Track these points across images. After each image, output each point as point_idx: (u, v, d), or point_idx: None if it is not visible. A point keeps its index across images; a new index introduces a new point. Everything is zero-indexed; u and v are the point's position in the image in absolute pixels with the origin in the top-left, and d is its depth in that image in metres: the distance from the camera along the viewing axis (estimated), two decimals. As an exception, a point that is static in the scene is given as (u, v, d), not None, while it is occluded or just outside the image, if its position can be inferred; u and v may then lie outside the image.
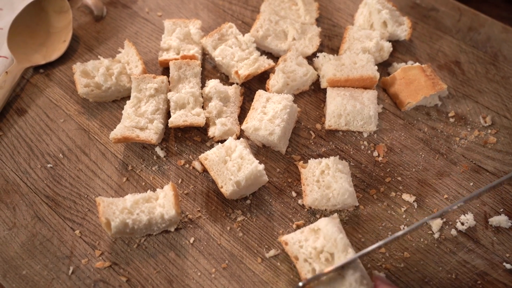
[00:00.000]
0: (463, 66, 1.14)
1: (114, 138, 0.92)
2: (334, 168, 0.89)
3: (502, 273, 0.85)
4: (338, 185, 0.87)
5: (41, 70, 1.11)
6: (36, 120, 1.03)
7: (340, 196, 0.86)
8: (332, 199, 0.87)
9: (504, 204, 0.93)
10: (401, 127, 1.04)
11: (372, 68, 1.02)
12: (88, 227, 0.89)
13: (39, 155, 0.97)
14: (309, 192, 0.88)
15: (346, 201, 0.87)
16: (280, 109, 0.93)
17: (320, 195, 0.87)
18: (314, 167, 0.91)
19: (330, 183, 0.88)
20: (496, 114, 1.06)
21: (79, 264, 0.85)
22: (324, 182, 0.89)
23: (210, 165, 0.89)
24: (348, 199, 0.87)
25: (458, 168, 0.97)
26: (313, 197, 0.87)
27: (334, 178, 0.88)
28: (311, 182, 0.89)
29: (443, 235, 0.89)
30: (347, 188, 0.87)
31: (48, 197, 0.92)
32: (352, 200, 0.87)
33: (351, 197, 0.87)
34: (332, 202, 0.87)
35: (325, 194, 0.87)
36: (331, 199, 0.87)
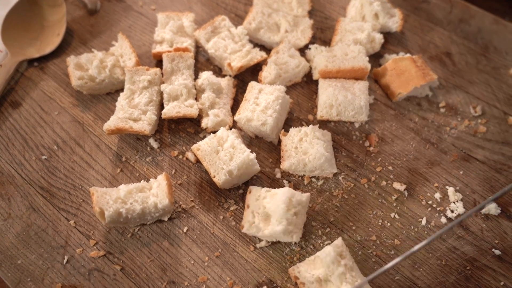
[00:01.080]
0: (454, 57, 1.15)
1: (108, 130, 0.93)
2: (312, 135, 0.92)
3: (491, 259, 0.86)
4: (314, 150, 0.90)
5: (35, 63, 1.11)
6: (30, 112, 1.03)
7: (316, 161, 0.89)
8: (308, 164, 0.90)
9: (493, 192, 0.94)
10: (392, 117, 1.05)
11: (363, 59, 1.03)
12: (83, 217, 0.90)
13: (34, 147, 0.98)
14: (287, 157, 0.92)
15: (323, 166, 0.89)
16: (273, 100, 0.95)
17: (296, 160, 0.90)
18: (294, 135, 0.94)
19: (307, 149, 0.91)
20: (486, 104, 1.07)
21: (74, 253, 0.86)
22: (302, 148, 0.92)
23: (202, 156, 0.90)
24: (324, 163, 0.89)
25: (448, 157, 0.99)
26: (290, 162, 0.91)
27: (311, 144, 0.91)
28: (289, 149, 0.93)
29: (433, 223, 0.90)
30: (323, 153, 0.89)
31: (43, 188, 0.93)
32: (330, 165, 0.90)
33: (327, 162, 0.89)
34: (309, 167, 0.90)
35: (302, 159, 0.90)
36: (307, 164, 0.90)
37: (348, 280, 0.76)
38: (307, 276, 0.78)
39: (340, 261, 0.78)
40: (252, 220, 0.84)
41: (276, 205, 0.81)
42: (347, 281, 0.76)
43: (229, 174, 0.87)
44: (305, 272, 0.79)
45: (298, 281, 0.79)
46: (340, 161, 0.98)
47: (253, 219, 0.84)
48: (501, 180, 0.96)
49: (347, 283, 0.75)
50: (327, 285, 0.77)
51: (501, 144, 1.01)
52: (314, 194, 0.93)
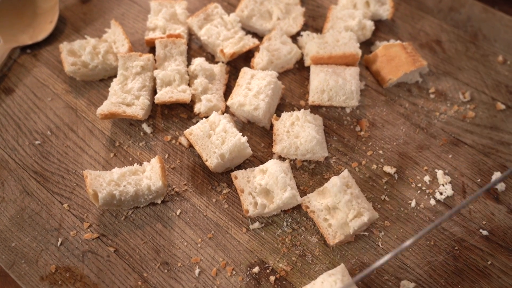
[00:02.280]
0: (444, 45, 1.17)
1: (101, 114, 0.93)
2: (303, 119, 0.94)
3: (478, 239, 0.88)
4: (305, 134, 0.92)
5: (28, 50, 1.12)
6: (23, 99, 1.04)
7: (307, 143, 0.91)
8: (300, 147, 0.91)
9: (481, 175, 0.96)
10: (383, 103, 1.06)
11: (354, 46, 1.04)
12: (76, 200, 0.90)
13: (27, 133, 0.99)
14: (279, 141, 0.93)
15: (314, 149, 0.91)
16: (265, 85, 0.96)
17: (288, 143, 0.92)
18: (286, 119, 0.96)
19: (299, 133, 0.93)
20: (475, 90, 1.09)
21: (68, 236, 0.86)
22: (294, 132, 0.94)
23: (195, 140, 0.91)
24: (316, 146, 0.91)
25: (438, 141, 1.00)
26: (282, 146, 0.92)
27: (302, 128, 0.93)
28: (281, 133, 0.94)
29: (422, 205, 0.92)
30: (314, 136, 0.91)
31: (37, 172, 0.94)
32: (321, 148, 0.92)
33: (319, 145, 0.91)
34: (300, 150, 0.92)
35: (293, 142, 0.92)
36: (299, 147, 0.92)
37: (354, 207, 0.83)
38: (317, 205, 0.86)
39: (346, 190, 0.85)
40: (253, 201, 0.86)
41: (274, 177, 0.85)
42: (353, 208, 0.83)
43: (221, 158, 0.88)
44: (315, 201, 0.87)
45: (308, 210, 0.87)
46: (331, 145, 0.99)
47: (253, 199, 0.86)
48: (489, 163, 0.98)
49: (354, 210, 0.83)
50: (335, 212, 0.85)
51: (489, 129, 1.02)
52: (305, 178, 0.94)
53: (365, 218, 0.82)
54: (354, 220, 0.83)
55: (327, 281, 0.76)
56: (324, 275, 0.77)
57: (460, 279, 0.84)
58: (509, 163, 0.97)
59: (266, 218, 0.89)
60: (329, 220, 0.85)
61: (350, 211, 0.83)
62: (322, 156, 0.94)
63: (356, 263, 0.85)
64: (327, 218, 0.85)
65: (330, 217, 0.85)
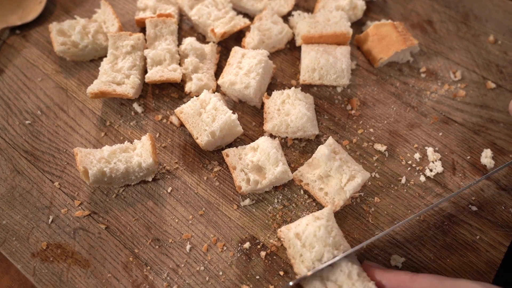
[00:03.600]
0: (435, 25, 1.17)
1: (91, 93, 0.93)
2: (294, 97, 0.94)
3: (467, 214, 0.89)
4: (296, 111, 0.92)
5: (17, 31, 1.11)
6: (13, 79, 1.03)
7: (298, 120, 0.91)
8: (291, 124, 0.91)
9: (471, 152, 0.97)
10: (374, 82, 1.06)
11: (345, 25, 1.04)
12: (67, 179, 0.90)
13: (17, 113, 0.98)
14: (270, 119, 0.93)
15: (305, 126, 0.91)
16: (255, 64, 0.95)
17: (279, 121, 0.92)
18: (276, 98, 0.96)
19: (289, 110, 0.93)
20: (465, 70, 1.09)
21: (59, 213, 0.86)
22: (284, 110, 0.94)
23: (185, 118, 0.91)
24: (306, 123, 0.91)
25: (428, 120, 1.01)
26: (272, 123, 0.92)
27: (293, 105, 0.93)
28: (272, 111, 0.94)
29: (412, 181, 0.92)
30: (305, 113, 0.91)
31: (27, 151, 0.93)
32: (312, 126, 0.92)
33: (310, 122, 0.91)
34: (291, 128, 0.91)
35: (284, 120, 0.92)
36: (290, 125, 0.91)
37: (346, 171, 0.85)
38: (309, 177, 0.88)
39: (335, 157, 0.87)
40: (246, 177, 0.87)
41: (266, 154, 0.86)
42: (345, 172, 0.85)
43: (211, 135, 0.88)
44: (307, 174, 0.89)
45: (302, 184, 0.88)
46: (322, 124, 0.99)
47: (246, 176, 0.87)
48: (478, 141, 0.98)
49: (346, 174, 0.85)
50: (328, 180, 0.87)
51: (479, 107, 1.03)
52: (296, 155, 0.95)
53: (359, 180, 0.84)
54: (348, 183, 0.85)
55: (311, 225, 0.77)
56: (310, 217, 0.79)
57: (449, 253, 0.85)
58: (498, 140, 0.98)
59: (257, 195, 0.89)
60: (324, 188, 0.86)
61: (343, 176, 0.85)
62: (313, 134, 0.94)
63: (347, 239, 0.85)
64: (322, 188, 0.87)
65: (325, 185, 0.87)
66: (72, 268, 0.81)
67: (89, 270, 0.81)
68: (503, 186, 0.92)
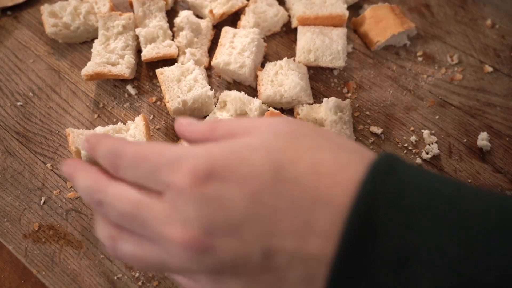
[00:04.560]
0: (433, 9, 1.16)
1: (86, 75, 0.91)
2: (286, 67, 0.94)
3: (463, 197, 0.88)
4: (289, 81, 0.92)
5: (8, 12, 1.09)
6: (4, 60, 1.01)
7: (292, 90, 0.90)
8: (285, 94, 0.91)
9: (467, 135, 0.96)
10: (370, 65, 1.05)
11: (341, 6, 1.03)
12: (60, 160, 0.89)
13: (9, 94, 0.97)
14: (263, 90, 0.93)
15: (299, 95, 0.91)
16: (248, 42, 0.94)
17: (273, 92, 0.92)
18: (269, 69, 0.95)
19: (283, 81, 0.93)
20: (463, 53, 1.08)
21: (51, 195, 0.85)
22: (278, 80, 0.94)
23: (163, 80, 0.91)
24: (300, 92, 0.91)
25: (425, 103, 1.00)
26: (266, 94, 0.92)
27: (286, 75, 0.93)
28: (265, 83, 0.94)
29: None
30: (298, 82, 0.91)
31: (19, 133, 0.92)
32: (306, 95, 0.92)
33: (303, 91, 0.91)
34: (285, 98, 0.91)
35: (278, 90, 0.92)
36: (284, 95, 0.91)
37: (337, 129, 0.87)
38: (306, 116, 0.91)
39: (337, 112, 0.89)
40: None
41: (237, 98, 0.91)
42: (336, 129, 0.87)
43: (182, 104, 0.88)
44: (305, 112, 0.91)
45: (298, 117, 0.92)
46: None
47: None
48: (475, 124, 0.98)
49: (336, 130, 0.87)
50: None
51: (476, 90, 1.02)
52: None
53: None
54: None
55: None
56: None
57: (444, 235, 0.84)
58: (495, 123, 0.98)
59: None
60: None
61: (332, 130, 0.87)
62: (307, 103, 0.94)
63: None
64: None
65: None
66: (64, 249, 0.80)
67: (82, 251, 0.80)
68: (499, 169, 0.92)
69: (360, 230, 0.42)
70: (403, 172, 0.46)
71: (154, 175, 0.46)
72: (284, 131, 0.50)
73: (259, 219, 0.43)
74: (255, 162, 0.45)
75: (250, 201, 0.43)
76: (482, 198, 0.45)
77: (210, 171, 0.44)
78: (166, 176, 0.45)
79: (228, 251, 0.44)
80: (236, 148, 0.47)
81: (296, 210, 0.43)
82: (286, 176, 0.44)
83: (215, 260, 0.44)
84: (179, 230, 0.44)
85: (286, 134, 0.49)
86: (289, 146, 0.48)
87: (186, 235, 0.44)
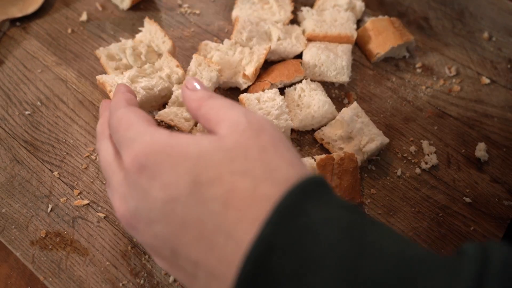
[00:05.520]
0: (431, 22, 1.19)
1: (98, 81, 0.94)
2: (308, 89, 0.97)
3: (462, 206, 0.90)
4: (316, 101, 0.95)
5: (17, 23, 1.11)
6: (13, 70, 1.04)
7: (321, 108, 0.94)
8: (315, 114, 0.94)
9: (465, 146, 0.98)
10: (370, 77, 1.08)
11: (351, 27, 1.05)
12: (67, 169, 0.91)
13: (17, 103, 0.99)
14: (294, 116, 0.95)
15: (328, 112, 0.94)
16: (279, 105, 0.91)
17: (303, 115, 0.95)
18: (292, 94, 0.98)
19: (309, 102, 0.95)
20: (460, 65, 1.11)
21: (58, 202, 0.87)
22: (304, 103, 0.96)
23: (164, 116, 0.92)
24: (329, 109, 0.94)
25: (424, 114, 1.02)
26: (298, 119, 0.95)
27: (310, 96, 0.96)
28: (293, 108, 0.96)
29: (408, 174, 0.94)
30: (325, 100, 0.94)
31: (27, 141, 0.94)
32: (333, 110, 0.95)
33: (331, 107, 0.95)
34: (316, 118, 0.94)
35: (308, 113, 0.95)
36: (314, 115, 0.94)
37: (366, 133, 0.91)
38: (331, 136, 0.93)
39: (357, 120, 0.92)
40: None
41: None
42: (365, 134, 0.91)
43: None
44: (329, 133, 0.93)
45: (323, 142, 0.94)
46: (319, 117, 1.00)
47: None
48: (473, 135, 1.00)
49: (366, 136, 0.90)
50: (349, 141, 0.92)
51: (474, 102, 1.05)
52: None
53: (378, 142, 0.90)
54: (367, 145, 0.90)
55: None
56: None
57: (443, 244, 0.86)
58: (492, 134, 1.00)
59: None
60: (344, 148, 0.92)
61: (363, 138, 0.90)
62: (334, 117, 0.96)
63: (343, 229, 0.86)
64: (342, 147, 0.92)
65: (345, 145, 0.92)
66: (71, 256, 0.82)
67: (88, 258, 0.82)
68: (497, 178, 0.94)
69: (253, 277, 0.43)
70: (312, 213, 0.44)
71: (119, 145, 0.56)
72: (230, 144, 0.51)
73: (169, 224, 0.48)
74: (181, 171, 0.48)
75: (164, 206, 0.48)
76: (382, 257, 0.42)
77: (144, 164, 0.50)
78: (123, 151, 0.54)
79: (147, 237, 0.52)
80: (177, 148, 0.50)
81: (200, 230, 0.46)
82: (200, 196, 0.47)
83: (140, 239, 0.55)
84: (117, 203, 0.55)
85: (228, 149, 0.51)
86: (220, 162, 0.48)
87: (120, 210, 0.54)
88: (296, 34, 1.07)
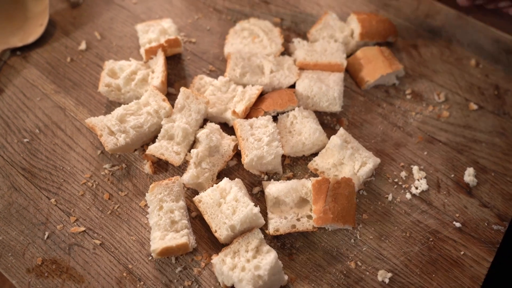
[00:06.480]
0: (420, 49, 1.22)
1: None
2: (300, 116, 1.00)
3: (452, 231, 0.92)
4: (307, 128, 0.98)
5: (18, 52, 1.15)
6: (13, 98, 1.06)
7: (312, 136, 0.97)
8: (306, 141, 0.97)
9: (454, 171, 1.00)
10: (361, 103, 1.11)
11: (340, 56, 1.09)
12: (64, 196, 0.93)
13: (16, 131, 1.01)
14: (285, 142, 0.98)
15: (318, 140, 0.97)
16: (271, 132, 0.95)
17: (294, 142, 0.97)
18: (284, 121, 1.01)
19: (301, 130, 0.99)
20: (449, 92, 1.14)
21: (55, 229, 0.88)
22: (295, 130, 0.99)
23: (204, 208, 0.87)
24: (320, 137, 0.97)
25: (414, 139, 1.05)
26: (289, 146, 0.98)
27: (302, 124, 0.99)
28: (284, 135, 0.99)
29: (398, 199, 0.96)
30: (316, 127, 0.98)
31: (25, 169, 0.96)
32: (323, 138, 0.98)
33: (321, 135, 0.98)
34: (307, 145, 0.97)
35: (299, 139, 0.98)
36: (305, 142, 0.97)
37: (357, 158, 0.94)
38: (324, 165, 0.96)
39: (347, 145, 0.95)
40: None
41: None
42: (357, 159, 0.94)
43: (231, 229, 0.84)
44: (321, 163, 0.96)
45: (318, 172, 0.97)
46: (312, 143, 1.03)
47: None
48: (462, 160, 1.02)
49: (358, 161, 0.94)
50: (342, 167, 0.95)
51: (463, 127, 1.07)
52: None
53: (370, 165, 0.94)
54: (360, 169, 0.93)
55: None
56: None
57: (434, 269, 0.87)
58: (481, 159, 1.02)
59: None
60: (339, 175, 0.94)
61: (355, 163, 0.94)
62: (325, 144, 0.98)
63: (333, 252, 0.88)
64: (336, 175, 0.95)
65: (339, 172, 0.95)
66: (66, 284, 0.83)
67: (83, 285, 0.83)
68: (486, 203, 0.96)
69: None
70: None
71: None
72: None
73: None
74: None
75: None
76: None
77: None
78: None
79: None
80: None
81: None
82: None
83: None
84: None
85: None
86: None
87: None
88: (288, 64, 1.10)
